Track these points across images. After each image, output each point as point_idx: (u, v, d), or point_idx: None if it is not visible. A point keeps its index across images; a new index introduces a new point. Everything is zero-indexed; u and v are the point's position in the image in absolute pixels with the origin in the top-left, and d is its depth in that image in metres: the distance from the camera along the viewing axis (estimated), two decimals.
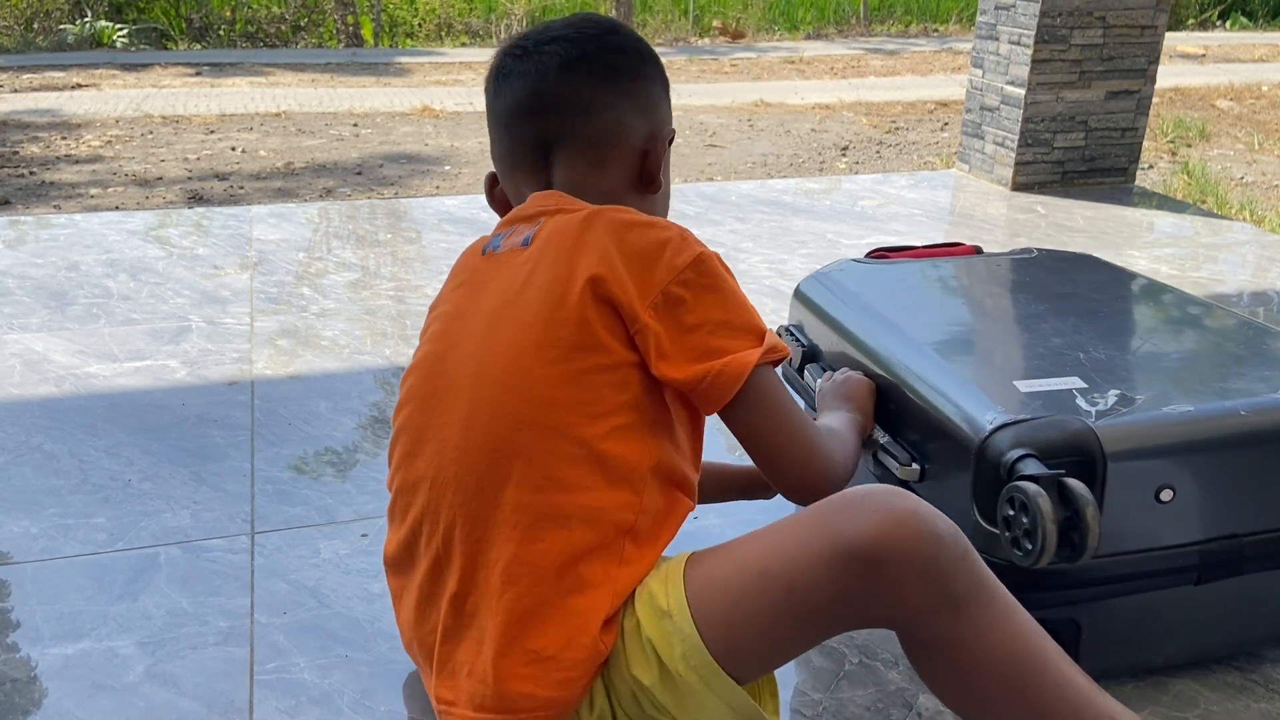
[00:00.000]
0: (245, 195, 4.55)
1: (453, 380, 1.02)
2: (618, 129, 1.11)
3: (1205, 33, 11.08)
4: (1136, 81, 3.38)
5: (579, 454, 0.97)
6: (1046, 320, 1.38)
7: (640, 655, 0.96)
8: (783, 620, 0.93)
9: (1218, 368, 1.25)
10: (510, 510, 0.96)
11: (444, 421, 1.01)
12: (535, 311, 0.99)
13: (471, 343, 1.03)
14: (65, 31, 8.97)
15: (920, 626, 0.91)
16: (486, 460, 0.97)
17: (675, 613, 0.94)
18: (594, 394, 0.98)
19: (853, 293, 1.49)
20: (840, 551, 0.89)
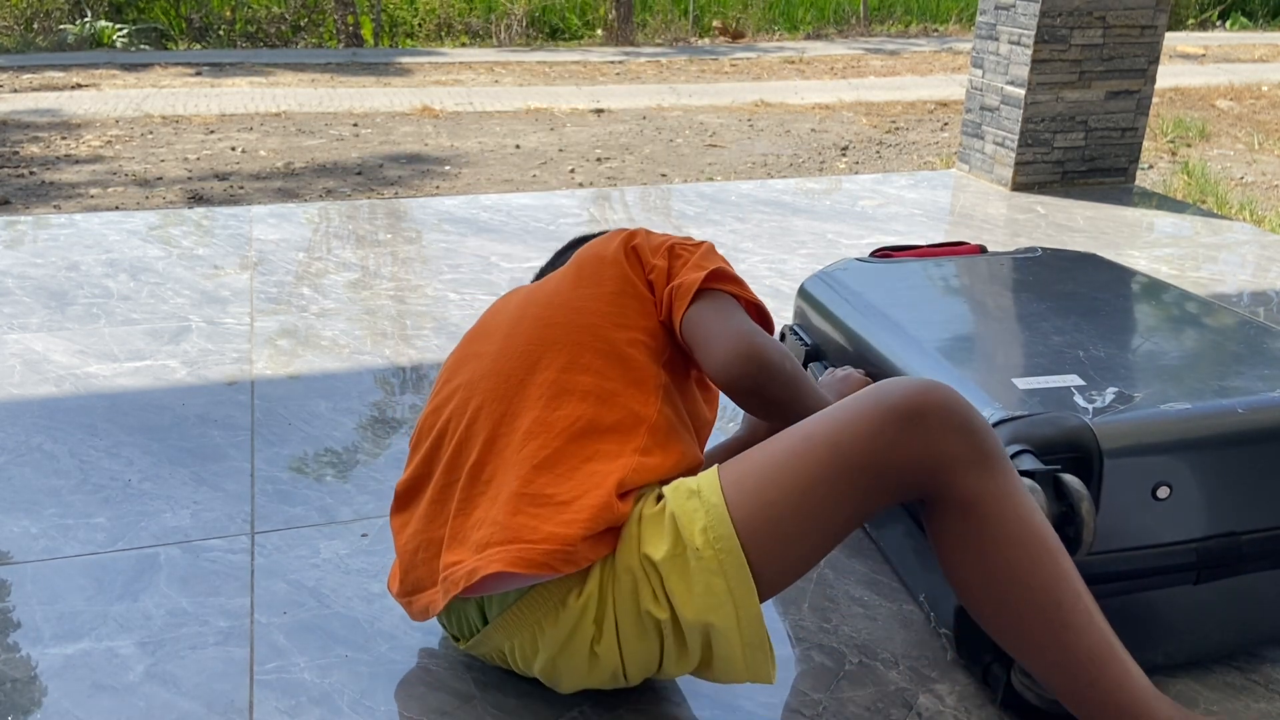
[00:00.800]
0: (245, 195, 4.55)
1: (493, 326, 1.20)
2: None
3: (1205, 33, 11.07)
4: (1136, 81, 3.38)
5: (603, 348, 1.12)
6: (1048, 319, 1.38)
7: (656, 533, 1.00)
8: (824, 479, 0.97)
9: (1217, 366, 1.25)
10: (537, 386, 1.09)
11: (480, 348, 1.18)
12: (575, 269, 1.20)
13: (513, 305, 1.21)
14: (65, 31, 8.97)
15: (955, 478, 0.96)
16: (520, 355, 1.12)
17: (704, 489, 0.99)
18: (621, 310, 1.15)
19: (855, 291, 1.49)
20: (885, 407, 0.97)
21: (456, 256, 2.66)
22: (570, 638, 1.03)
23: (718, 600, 0.97)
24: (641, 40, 9.98)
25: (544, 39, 10.16)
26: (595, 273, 1.19)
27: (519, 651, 1.08)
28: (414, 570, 1.10)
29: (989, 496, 0.97)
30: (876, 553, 1.44)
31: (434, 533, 1.09)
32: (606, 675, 1.06)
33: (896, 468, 0.96)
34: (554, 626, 1.02)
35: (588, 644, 1.03)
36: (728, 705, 1.15)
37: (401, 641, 1.25)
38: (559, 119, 6.34)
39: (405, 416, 1.82)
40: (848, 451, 0.96)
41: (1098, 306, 1.43)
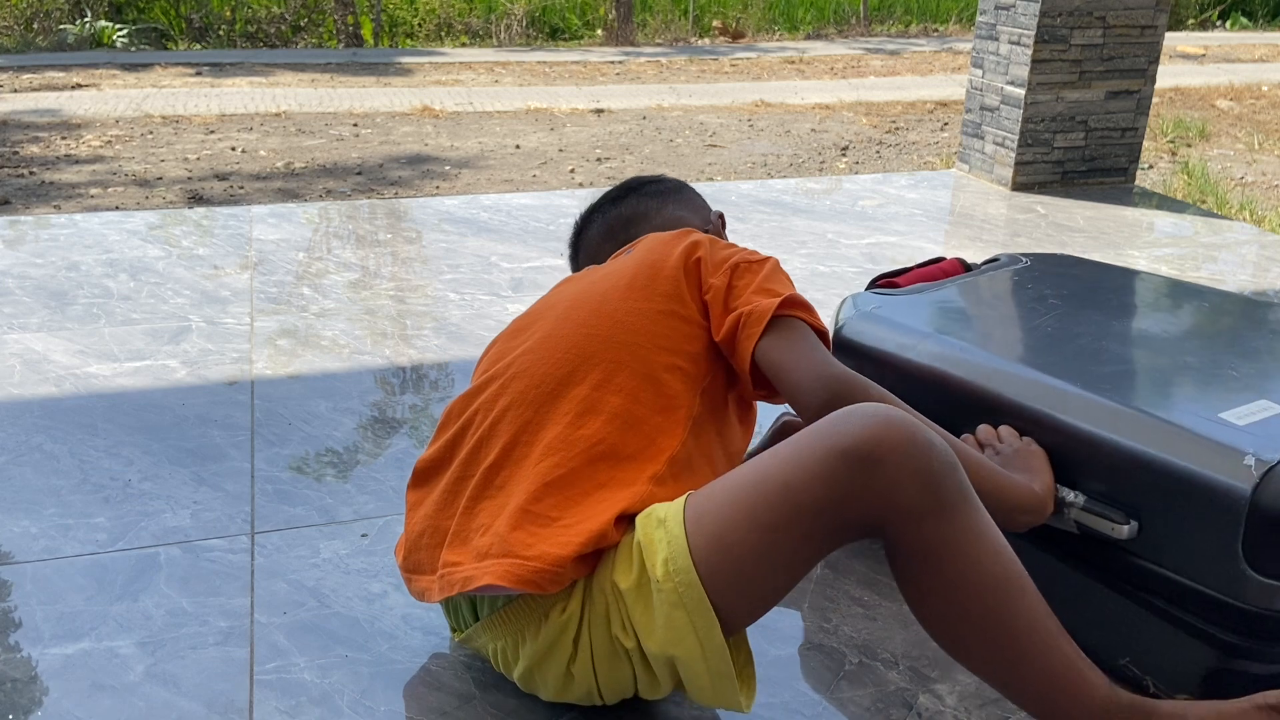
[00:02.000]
0: (245, 195, 4.55)
1: (540, 319, 1.20)
2: (672, 221, 1.42)
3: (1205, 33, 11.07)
4: (1136, 81, 3.38)
5: (641, 369, 1.11)
6: (1139, 335, 1.33)
7: (625, 561, 1.00)
8: (777, 524, 0.94)
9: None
10: (567, 401, 1.09)
11: (522, 343, 1.18)
12: (632, 270, 1.19)
13: (564, 300, 1.20)
14: (65, 31, 8.97)
15: (911, 528, 0.93)
16: (557, 363, 1.12)
17: (669, 520, 0.98)
18: (666, 332, 1.14)
19: (922, 333, 1.35)
20: (837, 451, 0.93)
21: (456, 256, 2.66)
22: (549, 652, 1.03)
23: (679, 633, 0.96)
24: (641, 40, 9.98)
25: (544, 39, 10.16)
26: (649, 283, 1.17)
27: (502, 655, 1.10)
28: (417, 552, 1.12)
29: (949, 545, 0.93)
30: (876, 553, 1.44)
31: (441, 522, 1.10)
32: (581, 693, 1.07)
33: (852, 512, 0.93)
34: (535, 638, 1.03)
35: (564, 662, 1.03)
36: None
37: (401, 641, 1.25)
38: (559, 119, 6.34)
39: (405, 416, 1.82)
40: (801, 496, 0.94)
41: (1147, 313, 1.40)
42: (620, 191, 1.47)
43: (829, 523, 0.94)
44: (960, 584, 0.94)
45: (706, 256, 1.19)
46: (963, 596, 0.94)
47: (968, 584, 0.94)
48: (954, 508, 0.93)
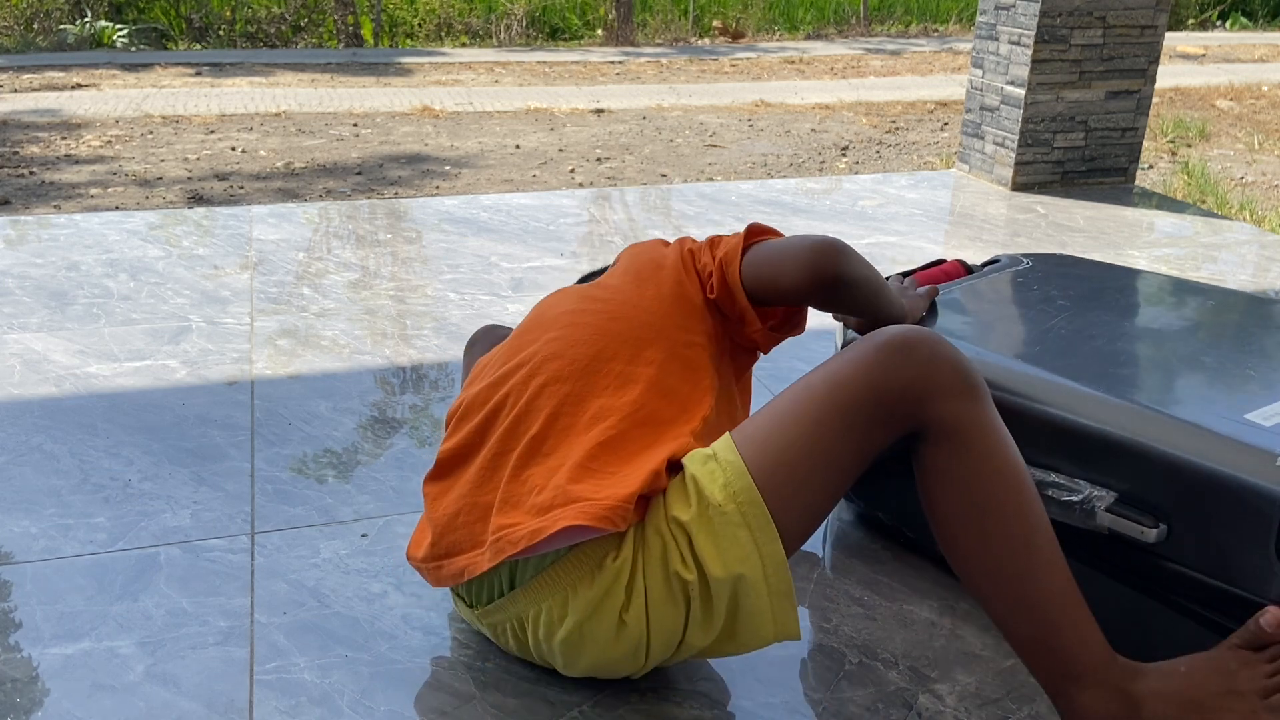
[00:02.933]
0: (245, 195, 4.55)
1: (550, 319, 1.22)
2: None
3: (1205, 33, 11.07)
4: (1136, 81, 3.38)
5: (666, 345, 1.17)
6: (1152, 334, 1.32)
7: (680, 498, 1.04)
8: (822, 418, 1.03)
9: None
10: (605, 375, 1.14)
11: (541, 335, 1.20)
12: (635, 273, 1.25)
13: (569, 301, 1.24)
14: (65, 31, 8.97)
15: (944, 404, 1.01)
16: (588, 343, 1.16)
17: (720, 451, 1.04)
18: (680, 314, 1.21)
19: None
20: (877, 344, 1.03)
21: (456, 256, 2.66)
22: (602, 601, 1.04)
23: (744, 552, 1.01)
24: (641, 40, 9.98)
25: (544, 39, 10.16)
26: (655, 275, 1.25)
27: (544, 616, 1.07)
28: (451, 534, 1.12)
29: (974, 425, 1.02)
30: (876, 553, 1.44)
31: (482, 498, 1.11)
32: (629, 648, 1.06)
33: (891, 393, 1.02)
34: (589, 588, 1.04)
35: (617, 611, 1.04)
36: (728, 705, 1.15)
37: (401, 641, 1.25)
38: (559, 119, 6.34)
39: (405, 416, 1.82)
40: (846, 386, 1.03)
41: (1155, 312, 1.39)
42: None
43: (871, 410, 1.02)
44: (986, 467, 1.01)
45: (696, 247, 1.28)
46: (988, 477, 1.01)
47: (993, 468, 1.01)
48: (981, 394, 1.03)
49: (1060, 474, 1.17)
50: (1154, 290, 1.53)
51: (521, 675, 1.19)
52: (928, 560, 1.42)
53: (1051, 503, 1.15)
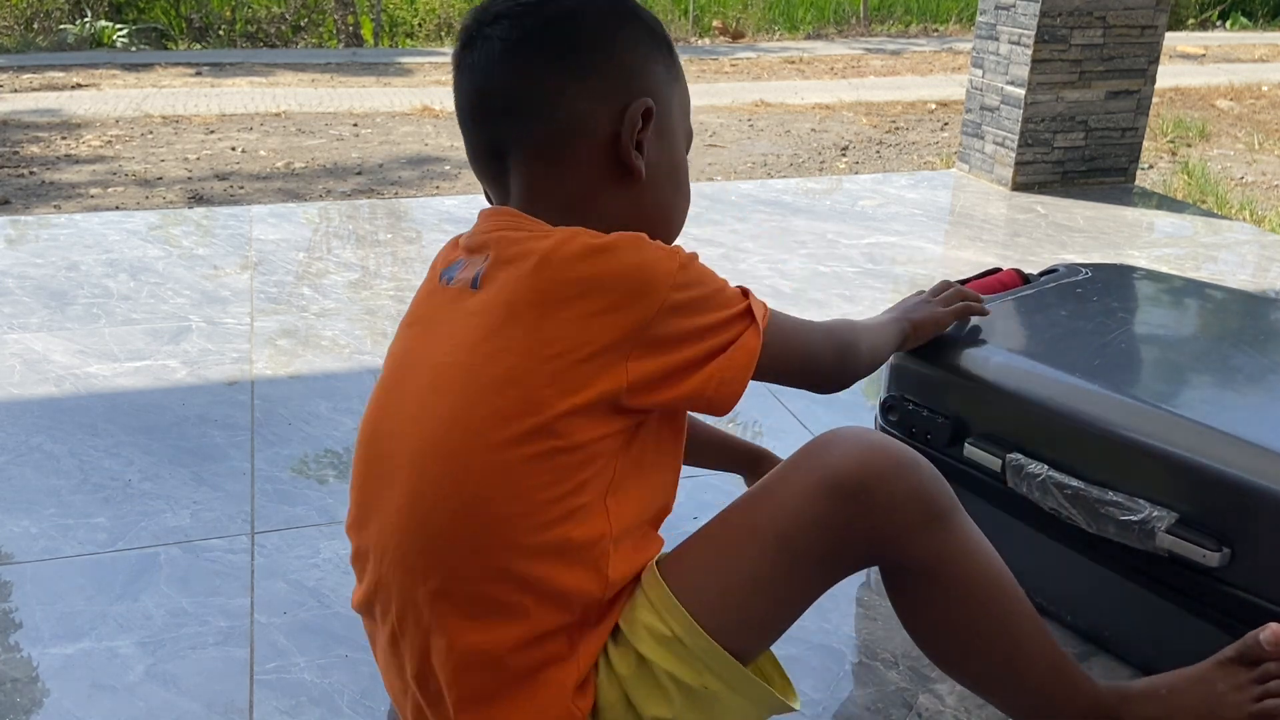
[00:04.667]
0: (245, 195, 4.55)
1: (391, 451, 0.92)
2: (571, 120, 0.92)
3: (1205, 33, 11.07)
4: (1136, 81, 3.38)
5: (530, 544, 0.87)
6: (1232, 353, 1.29)
7: (655, 692, 0.91)
8: (779, 581, 0.92)
9: None
10: (458, 600, 0.88)
11: (385, 501, 0.92)
12: (484, 386, 0.86)
13: (412, 405, 0.92)
14: (65, 31, 8.97)
15: (909, 544, 0.91)
16: (427, 550, 0.88)
17: (685, 635, 0.90)
18: (551, 475, 0.86)
19: (991, 349, 1.29)
20: (829, 484, 0.89)
21: None
22: None
23: (736, 709, 0.94)
24: None
25: None
26: (513, 411, 0.85)
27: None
28: (392, 692, 1.00)
29: (946, 557, 0.93)
30: None
31: (398, 696, 0.98)
32: None
33: (851, 546, 0.92)
34: None
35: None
36: None
37: None
38: None
39: None
40: (800, 545, 0.91)
41: (1219, 327, 1.37)
42: (512, 34, 0.93)
43: (832, 563, 0.93)
44: (961, 590, 0.94)
45: (589, 351, 0.86)
46: (963, 603, 0.94)
47: (968, 589, 0.94)
48: (948, 516, 0.92)
49: (1119, 492, 1.12)
50: (1216, 303, 1.49)
51: None
52: None
53: (1109, 521, 1.12)
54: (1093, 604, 1.22)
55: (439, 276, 0.98)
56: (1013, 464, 1.20)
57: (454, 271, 0.97)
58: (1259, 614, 1.06)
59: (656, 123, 0.95)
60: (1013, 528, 1.26)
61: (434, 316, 0.96)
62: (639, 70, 0.94)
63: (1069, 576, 1.23)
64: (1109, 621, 1.20)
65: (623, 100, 0.93)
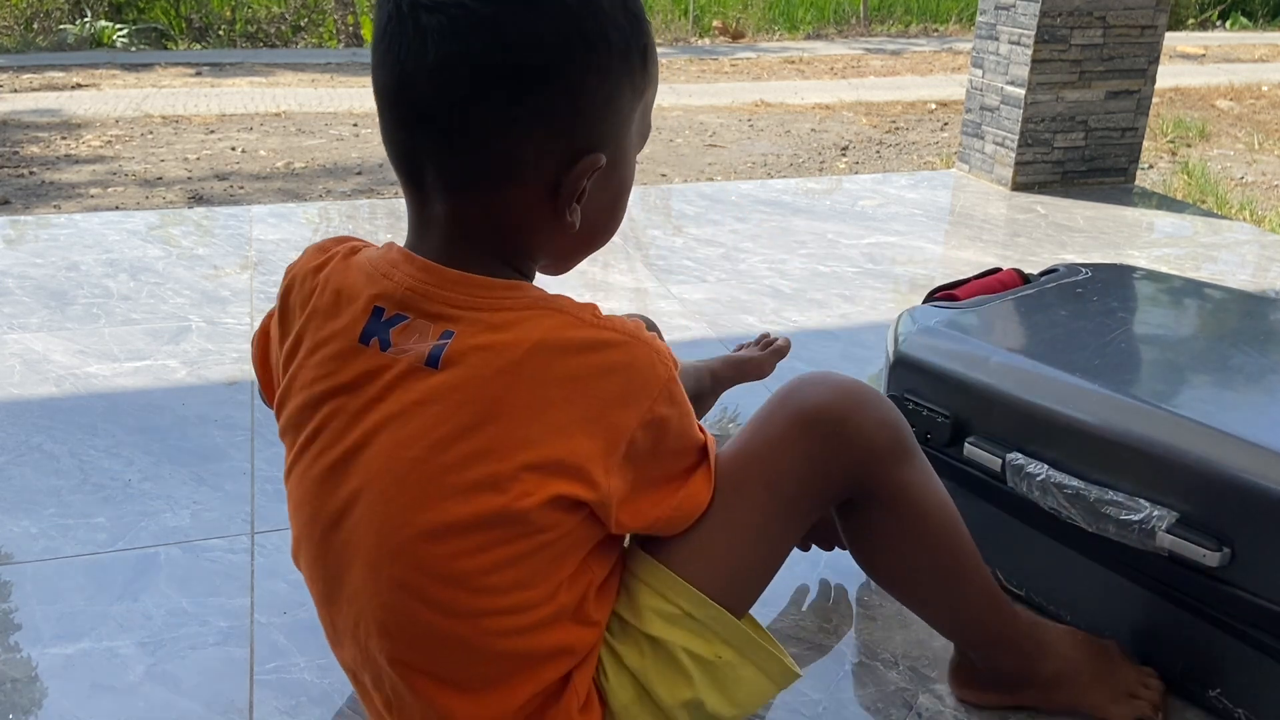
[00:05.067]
0: (245, 195, 4.55)
1: (348, 557, 0.85)
2: (508, 160, 0.79)
3: (1205, 33, 11.07)
4: (1136, 81, 3.38)
5: (526, 623, 0.85)
6: (1233, 353, 1.29)
7: (676, 674, 0.92)
8: (769, 524, 0.96)
9: None
10: (454, 681, 0.86)
11: (350, 621, 0.88)
12: (454, 488, 0.79)
13: (373, 501, 0.82)
14: (65, 31, 8.97)
15: (882, 474, 0.97)
16: (411, 649, 0.85)
17: (693, 608, 0.92)
18: (537, 572, 0.83)
19: (990, 349, 1.29)
20: (807, 421, 0.94)
21: None
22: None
23: (753, 685, 0.96)
24: None
25: None
26: (487, 519, 0.80)
27: None
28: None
29: (909, 488, 0.98)
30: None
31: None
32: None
33: (831, 479, 0.96)
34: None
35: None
36: None
37: None
38: None
39: None
40: (787, 485, 0.94)
41: (1220, 327, 1.37)
42: (454, 43, 0.75)
43: (816, 496, 0.97)
44: (920, 526, 1.00)
45: (572, 463, 0.80)
46: (921, 539, 1.01)
47: (926, 525, 1.01)
48: (913, 449, 0.99)
49: (1119, 492, 1.12)
50: (1219, 303, 1.49)
51: None
52: None
53: (1109, 521, 1.11)
54: (1092, 604, 1.22)
55: (357, 334, 0.83)
56: (1013, 464, 1.20)
57: (384, 334, 0.82)
58: (1259, 614, 1.06)
59: (609, 163, 0.83)
60: (1012, 528, 1.26)
61: (362, 398, 0.83)
62: (601, 112, 0.81)
63: (1068, 576, 1.23)
64: (1108, 622, 1.20)
65: (574, 148, 0.80)
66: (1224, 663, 1.12)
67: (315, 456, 0.85)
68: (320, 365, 0.85)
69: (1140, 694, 1.12)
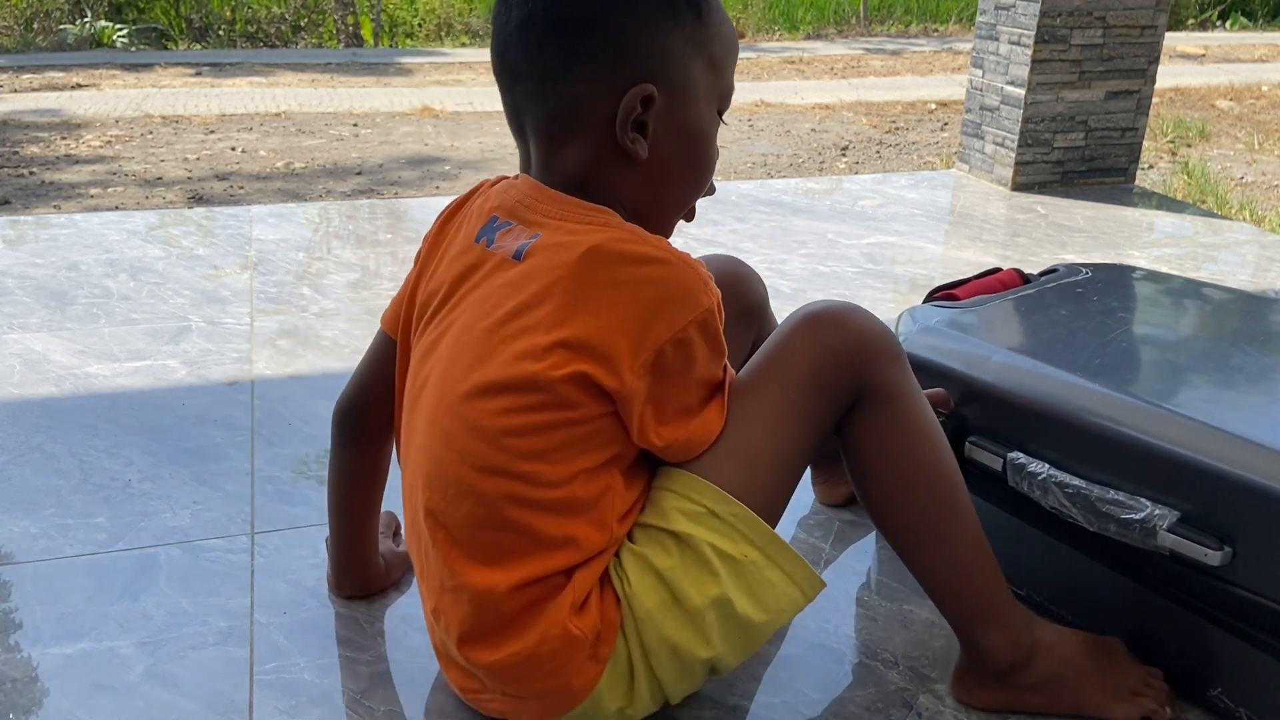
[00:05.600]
0: (245, 195, 4.55)
1: (423, 396, 1.00)
2: (573, 102, 0.95)
3: (1205, 33, 11.07)
4: (1136, 81, 3.38)
5: (536, 500, 0.93)
6: (1234, 353, 1.29)
7: (703, 571, 0.96)
8: (784, 419, 1.00)
9: None
10: (463, 543, 0.95)
11: (412, 442, 1.02)
12: (504, 355, 0.92)
13: (443, 358, 0.97)
14: (65, 31, 8.97)
15: (879, 368, 1.02)
16: (440, 495, 0.96)
17: (716, 506, 0.97)
18: (558, 441, 0.93)
19: (991, 348, 1.29)
20: (812, 320, 1.02)
21: None
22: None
23: (780, 590, 1.00)
24: None
25: None
26: (525, 387, 0.92)
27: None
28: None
29: (905, 389, 1.03)
30: (875, 554, 1.44)
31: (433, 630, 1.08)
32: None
33: (837, 372, 1.01)
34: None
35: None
36: (728, 705, 1.15)
37: (401, 641, 1.25)
38: None
39: None
40: (794, 380, 1.00)
41: (1221, 327, 1.37)
42: (526, 7, 0.95)
43: (825, 390, 1.01)
44: (915, 428, 1.04)
45: (606, 351, 0.92)
46: (916, 441, 1.04)
47: (920, 428, 1.04)
48: (905, 358, 1.05)
49: (1121, 491, 1.12)
50: (1219, 303, 1.49)
51: None
52: None
53: (1110, 520, 1.11)
54: (1093, 603, 1.22)
55: (474, 236, 1.01)
56: (1014, 463, 1.20)
57: (492, 235, 0.99)
58: (1260, 612, 1.06)
59: (668, 100, 0.96)
60: (1013, 528, 1.26)
61: (470, 277, 0.99)
62: (646, 51, 0.94)
63: (1069, 576, 1.23)
64: (1109, 621, 1.20)
65: (623, 84, 0.94)
66: (1225, 662, 1.11)
67: (421, 335, 1.02)
68: (444, 265, 1.02)
69: (1144, 693, 1.11)
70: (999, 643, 1.09)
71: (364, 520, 1.28)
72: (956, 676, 1.16)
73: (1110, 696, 1.11)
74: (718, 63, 1.00)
